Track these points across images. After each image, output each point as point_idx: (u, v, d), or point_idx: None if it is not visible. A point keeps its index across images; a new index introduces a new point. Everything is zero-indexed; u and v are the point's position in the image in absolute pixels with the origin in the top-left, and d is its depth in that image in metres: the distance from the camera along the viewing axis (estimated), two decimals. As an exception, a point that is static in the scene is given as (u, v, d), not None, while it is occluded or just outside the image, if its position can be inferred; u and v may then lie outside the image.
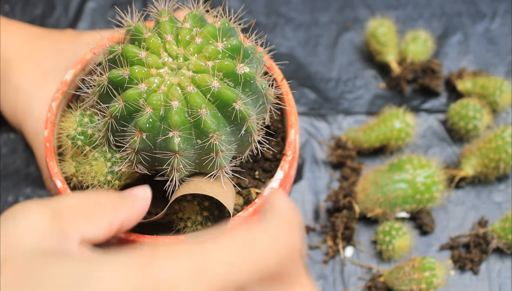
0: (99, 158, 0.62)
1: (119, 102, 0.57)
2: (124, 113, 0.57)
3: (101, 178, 0.62)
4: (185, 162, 0.58)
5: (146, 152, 0.58)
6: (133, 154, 0.58)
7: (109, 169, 0.62)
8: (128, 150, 0.59)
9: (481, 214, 0.83)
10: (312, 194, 0.85)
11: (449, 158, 0.87)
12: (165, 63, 0.59)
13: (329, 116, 0.90)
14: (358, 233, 0.82)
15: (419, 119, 0.89)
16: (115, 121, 0.58)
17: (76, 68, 0.70)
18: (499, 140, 0.81)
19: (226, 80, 0.58)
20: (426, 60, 0.92)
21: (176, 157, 0.57)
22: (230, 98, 0.57)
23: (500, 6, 0.98)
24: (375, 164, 0.86)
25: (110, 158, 0.62)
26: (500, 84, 0.87)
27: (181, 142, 0.56)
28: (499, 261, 0.80)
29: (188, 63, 0.58)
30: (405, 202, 0.79)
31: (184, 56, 0.59)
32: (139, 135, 0.57)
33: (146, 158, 0.58)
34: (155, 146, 0.58)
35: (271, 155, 0.69)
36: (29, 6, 0.99)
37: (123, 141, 0.59)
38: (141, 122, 0.56)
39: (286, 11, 0.99)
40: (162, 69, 0.58)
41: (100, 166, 0.61)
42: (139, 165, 0.60)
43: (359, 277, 0.79)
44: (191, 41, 0.59)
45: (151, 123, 0.56)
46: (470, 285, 0.79)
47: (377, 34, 0.91)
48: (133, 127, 0.57)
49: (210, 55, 0.58)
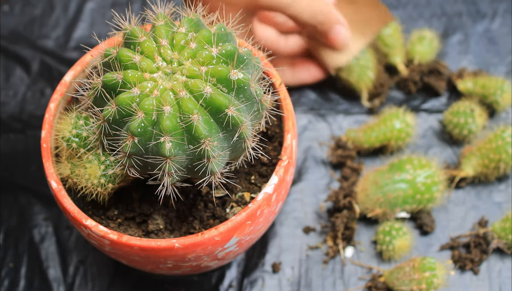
0: (93, 160, 0.62)
1: (112, 106, 0.57)
2: (117, 117, 0.57)
3: (94, 181, 0.62)
4: (177, 167, 0.58)
5: (138, 156, 0.58)
6: (125, 158, 0.58)
7: (102, 172, 0.62)
8: (120, 153, 0.59)
9: (481, 214, 0.83)
10: (312, 194, 0.85)
11: (449, 158, 0.87)
12: (159, 68, 0.58)
13: (329, 117, 0.90)
14: (358, 233, 0.82)
15: (419, 119, 0.89)
16: (108, 124, 0.58)
17: (76, 70, 0.70)
18: (499, 141, 0.81)
19: (219, 86, 0.58)
20: (433, 61, 0.92)
21: (167, 162, 0.57)
22: (223, 104, 0.57)
23: (500, 6, 0.98)
24: (375, 164, 0.86)
25: (104, 161, 0.62)
26: (501, 84, 0.87)
27: (173, 148, 0.56)
28: (499, 261, 0.80)
29: (182, 68, 0.58)
30: (405, 202, 0.79)
31: (178, 61, 0.59)
32: (131, 139, 0.57)
33: (138, 162, 0.59)
34: (147, 150, 0.58)
35: (268, 160, 0.69)
36: (29, 6, 0.99)
37: (116, 145, 0.59)
38: (133, 127, 0.56)
39: (286, 11, 0.99)
40: (156, 74, 0.58)
41: (93, 168, 0.61)
42: (132, 168, 0.60)
43: (359, 277, 0.79)
44: (186, 46, 0.59)
45: (143, 127, 0.56)
46: (470, 285, 0.79)
47: (383, 35, 0.90)
48: (125, 131, 0.57)
49: (204, 60, 0.58)
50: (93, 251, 0.81)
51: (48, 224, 0.83)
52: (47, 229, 0.83)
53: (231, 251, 0.66)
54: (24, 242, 0.82)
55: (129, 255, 0.64)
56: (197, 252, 0.63)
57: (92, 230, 0.63)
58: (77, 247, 0.82)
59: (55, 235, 0.82)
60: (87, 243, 0.82)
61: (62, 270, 0.80)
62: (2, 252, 0.81)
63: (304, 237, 0.82)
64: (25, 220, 0.83)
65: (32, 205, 0.84)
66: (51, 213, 0.84)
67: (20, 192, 0.85)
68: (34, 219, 0.83)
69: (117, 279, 0.80)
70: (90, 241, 0.66)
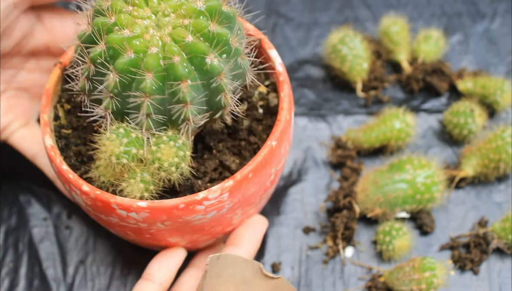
0: (136, 177, 0.62)
1: (101, 45, 0.59)
2: (105, 56, 0.59)
3: (145, 194, 0.63)
4: (154, 107, 0.60)
5: (119, 98, 0.60)
6: (108, 99, 0.60)
7: (145, 188, 0.63)
8: (104, 94, 0.61)
9: (481, 214, 0.83)
10: (312, 194, 0.85)
11: (449, 158, 0.87)
12: (149, 17, 0.62)
13: (329, 117, 0.90)
14: (358, 233, 0.82)
15: (419, 119, 0.89)
16: (94, 67, 0.60)
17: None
18: (499, 141, 0.81)
19: (200, 38, 0.60)
20: (437, 61, 0.92)
21: (146, 101, 0.59)
22: (203, 50, 0.59)
23: (500, 6, 0.98)
24: (375, 164, 0.86)
25: (144, 179, 0.62)
26: (501, 84, 0.87)
27: (152, 85, 0.59)
28: (499, 261, 0.80)
29: (168, 21, 0.61)
30: (405, 202, 0.79)
31: (163, 12, 0.62)
32: (116, 76, 0.59)
33: (118, 105, 0.61)
34: (130, 89, 0.60)
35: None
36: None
37: (100, 85, 0.61)
38: (120, 63, 0.59)
39: (286, 11, 0.99)
40: (146, 21, 0.61)
41: (137, 186, 0.62)
42: (110, 112, 0.61)
43: (359, 277, 0.79)
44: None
45: (128, 65, 0.59)
46: (470, 285, 0.79)
47: (390, 32, 0.91)
48: (111, 70, 0.59)
49: (187, 13, 0.61)
50: (93, 251, 0.81)
51: (48, 224, 0.83)
52: (47, 229, 0.83)
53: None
54: (24, 242, 0.82)
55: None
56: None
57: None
58: (77, 247, 0.82)
59: (55, 235, 0.82)
60: (87, 243, 0.82)
61: (62, 270, 0.80)
62: (2, 252, 0.81)
63: (304, 237, 0.82)
64: (25, 220, 0.83)
65: (32, 205, 0.84)
66: (51, 213, 0.84)
67: (20, 192, 0.85)
68: (34, 219, 0.83)
69: (117, 279, 0.80)
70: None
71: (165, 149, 0.61)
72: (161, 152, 0.61)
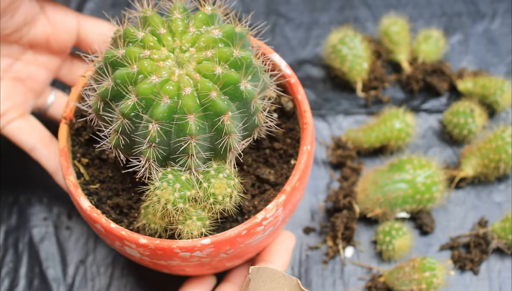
0: (193, 216, 0.61)
1: (132, 98, 0.57)
2: (137, 109, 0.57)
3: (195, 232, 0.62)
4: (200, 146, 0.58)
5: (163, 145, 0.58)
6: (150, 148, 0.58)
7: (201, 225, 0.62)
8: (145, 145, 0.58)
9: (481, 214, 0.83)
10: (312, 194, 0.85)
11: (449, 158, 0.87)
12: (168, 56, 0.59)
13: (329, 117, 0.90)
14: (358, 233, 0.82)
15: (419, 119, 0.89)
16: (128, 120, 0.58)
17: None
18: (499, 141, 0.81)
19: (226, 66, 0.59)
20: (437, 61, 0.92)
21: (191, 142, 0.57)
22: (236, 79, 0.58)
23: (500, 6, 0.98)
24: (375, 164, 0.86)
25: (200, 216, 0.61)
26: (501, 84, 0.87)
27: (196, 126, 0.57)
28: (499, 261, 0.80)
29: (190, 55, 0.59)
30: (405, 202, 0.79)
31: (180, 47, 0.60)
32: (156, 126, 0.57)
33: (162, 152, 0.59)
34: (171, 134, 0.58)
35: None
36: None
37: (138, 138, 0.58)
38: (158, 112, 0.56)
39: (286, 11, 0.99)
40: (167, 62, 0.59)
41: (194, 225, 0.62)
42: (156, 161, 0.59)
43: (359, 278, 0.79)
44: (185, 31, 0.60)
45: (167, 112, 0.56)
46: (470, 285, 0.79)
47: (390, 32, 0.91)
48: (147, 120, 0.57)
49: (207, 43, 0.59)
50: (93, 251, 0.81)
51: (48, 224, 0.83)
52: (47, 229, 0.83)
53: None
54: (24, 242, 0.82)
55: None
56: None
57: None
58: (77, 247, 0.82)
59: (55, 235, 0.82)
60: (87, 243, 0.82)
61: (62, 270, 0.80)
62: (2, 252, 0.81)
63: (304, 237, 0.82)
64: (25, 220, 0.83)
65: (32, 205, 0.84)
66: (51, 213, 0.84)
67: (20, 192, 0.85)
68: (34, 219, 0.83)
69: (117, 279, 0.80)
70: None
71: (217, 183, 0.60)
72: (213, 187, 0.60)
